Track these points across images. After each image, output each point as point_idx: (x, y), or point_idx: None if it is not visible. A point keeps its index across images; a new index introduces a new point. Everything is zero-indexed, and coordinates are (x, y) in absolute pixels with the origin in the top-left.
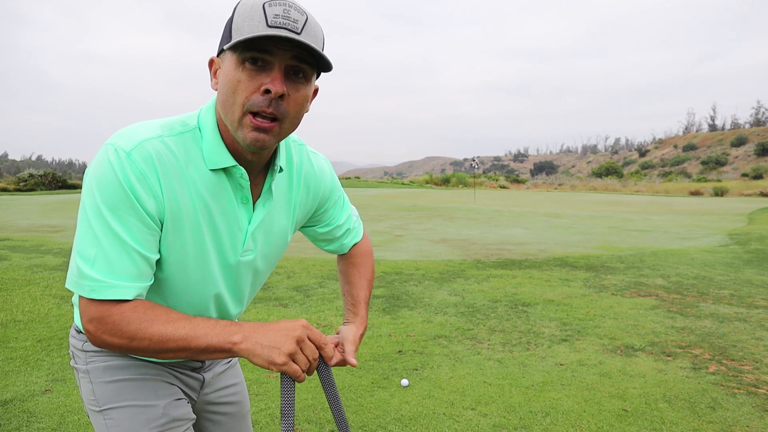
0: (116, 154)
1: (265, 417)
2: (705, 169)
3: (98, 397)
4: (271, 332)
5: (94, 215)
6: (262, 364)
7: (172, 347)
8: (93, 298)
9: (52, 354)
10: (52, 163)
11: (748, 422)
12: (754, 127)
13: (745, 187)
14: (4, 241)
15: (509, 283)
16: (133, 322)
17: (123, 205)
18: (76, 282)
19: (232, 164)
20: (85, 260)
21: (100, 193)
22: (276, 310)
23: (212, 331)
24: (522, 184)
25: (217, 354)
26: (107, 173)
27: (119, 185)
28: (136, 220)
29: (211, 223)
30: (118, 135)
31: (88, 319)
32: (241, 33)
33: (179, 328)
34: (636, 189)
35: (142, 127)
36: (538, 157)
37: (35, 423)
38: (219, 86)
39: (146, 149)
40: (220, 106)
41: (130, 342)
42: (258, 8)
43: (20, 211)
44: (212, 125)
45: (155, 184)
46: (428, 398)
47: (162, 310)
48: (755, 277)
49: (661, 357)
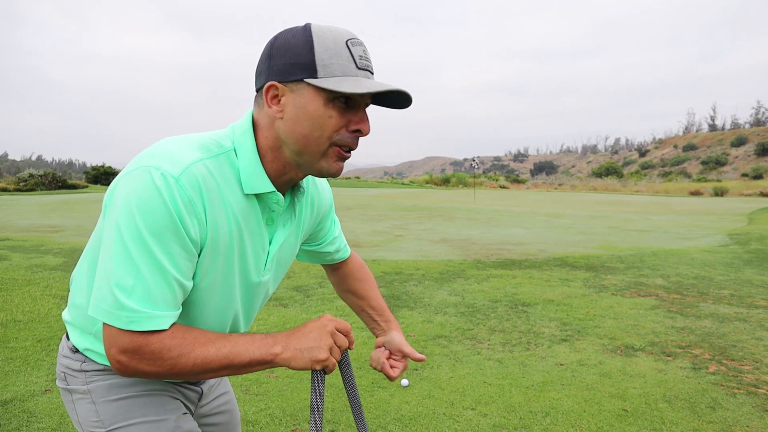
0: (164, 179)
1: (265, 417)
2: (705, 169)
3: (103, 417)
4: (304, 336)
5: (135, 242)
6: (305, 366)
7: (215, 367)
8: (129, 330)
9: (52, 354)
10: (52, 163)
11: (748, 422)
12: (754, 127)
13: (745, 187)
14: (4, 241)
15: (509, 283)
16: (174, 349)
17: (169, 232)
18: (111, 313)
19: (271, 190)
20: (122, 290)
21: (143, 219)
22: (276, 310)
23: (252, 345)
24: (522, 184)
25: (259, 367)
26: (153, 198)
27: (167, 212)
28: (179, 247)
29: (241, 245)
30: (159, 157)
31: (121, 350)
32: (330, 71)
33: (220, 347)
34: (636, 189)
35: (181, 147)
36: (538, 157)
37: (35, 423)
38: (292, 118)
39: (193, 174)
40: (298, 139)
41: (171, 369)
42: (342, 46)
43: (20, 211)
44: (252, 149)
45: (201, 211)
46: (428, 398)
47: (198, 332)
48: (755, 277)
49: (661, 357)
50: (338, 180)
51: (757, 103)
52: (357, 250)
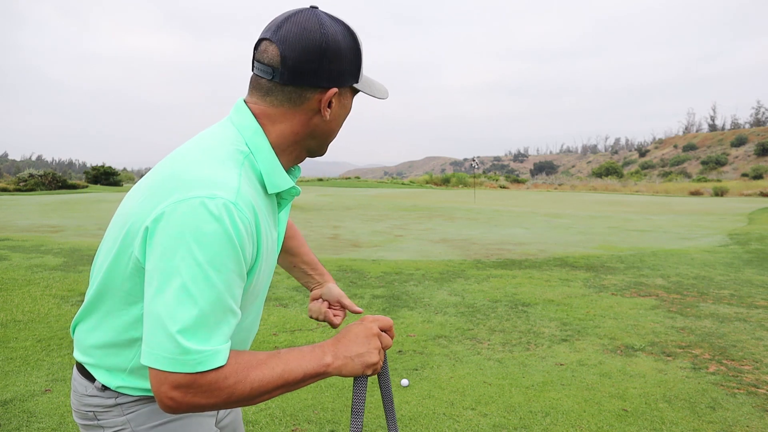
0: (224, 207)
1: (265, 417)
2: (705, 169)
3: None
4: (353, 342)
5: (195, 280)
6: (357, 372)
7: (271, 388)
8: (196, 371)
9: (52, 354)
10: (52, 163)
11: (748, 422)
12: (754, 127)
13: (745, 187)
14: (4, 241)
15: (509, 283)
16: (230, 377)
17: (231, 263)
18: (175, 359)
19: (291, 185)
20: (184, 333)
21: (204, 254)
22: (276, 310)
23: (303, 360)
24: (522, 184)
25: (312, 380)
26: (215, 231)
27: (230, 242)
28: (238, 277)
29: (272, 240)
30: (206, 184)
31: (173, 387)
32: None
33: (274, 367)
34: (636, 189)
35: (217, 167)
36: (538, 157)
37: (35, 423)
38: (336, 118)
39: (246, 195)
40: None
41: (228, 398)
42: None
43: (20, 211)
44: (269, 150)
45: (254, 231)
46: (428, 398)
47: (248, 355)
48: (755, 277)
49: (661, 357)
50: (338, 180)
51: (757, 103)
52: (357, 250)
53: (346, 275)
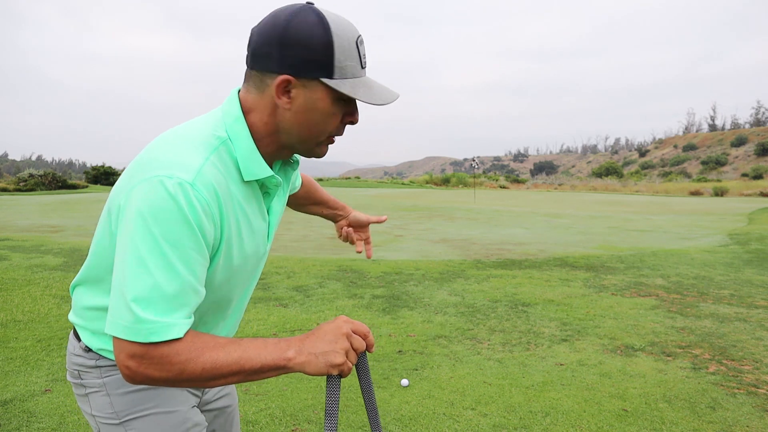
0: (179, 186)
1: (265, 417)
2: (705, 169)
3: (117, 409)
4: (319, 339)
5: (151, 252)
6: (321, 371)
7: (225, 372)
8: (151, 342)
9: (52, 354)
10: (52, 163)
11: (748, 422)
12: (754, 127)
13: (745, 187)
14: (4, 241)
15: (509, 283)
16: (183, 353)
17: (188, 240)
18: (130, 328)
19: (270, 174)
20: (139, 303)
21: (160, 229)
22: (276, 310)
23: (264, 350)
24: (522, 184)
25: (271, 373)
26: (170, 207)
27: (185, 220)
28: (197, 254)
29: (250, 228)
30: (169, 165)
31: (129, 355)
32: (343, 73)
33: (230, 352)
34: (636, 189)
35: (185, 150)
36: (538, 157)
37: (35, 423)
38: (301, 111)
39: (206, 177)
40: (303, 129)
41: (180, 374)
42: (354, 46)
43: (20, 211)
44: (247, 137)
45: (216, 213)
46: (428, 398)
47: (208, 337)
48: (755, 277)
49: (661, 357)
50: (338, 180)
51: (757, 103)
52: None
53: (346, 275)
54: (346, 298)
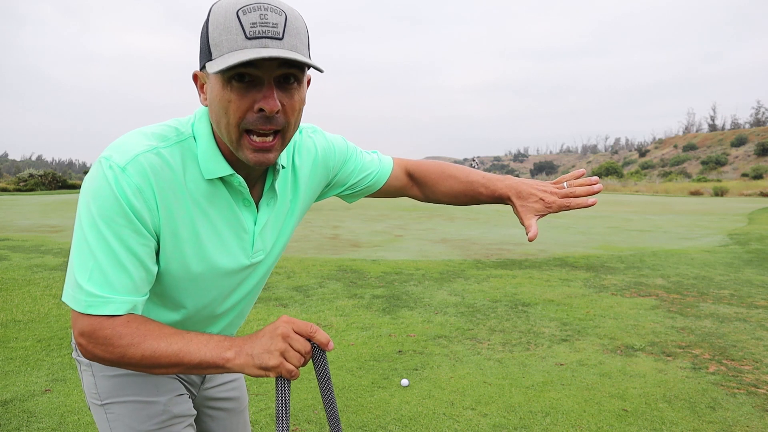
0: (111, 169)
1: (265, 417)
2: (705, 169)
3: (100, 390)
4: (257, 341)
5: (91, 229)
6: (256, 373)
7: (164, 363)
8: (87, 313)
9: (52, 354)
10: (52, 163)
11: (748, 422)
12: (754, 127)
13: (745, 187)
14: (4, 241)
15: (509, 283)
16: (125, 337)
17: (120, 218)
18: (72, 296)
19: (229, 173)
20: (81, 274)
21: (96, 207)
22: (276, 310)
23: (205, 346)
24: None
25: (211, 370)
26: (103, 187)
27: (115, 199)
28: (132, 233)
29: (212, 230)
30: (112, 148)
31: (79, 333)
32: (220, 50)
33: (172, 343)
34: (636, 189)
35: (136, 138)
36: (538, 157)
37: (35, 423)
38: (210, 103)
39: (141, 163)
40: (215, 125)
41: (121, 357)
42: (232, 17)
43: (20, 211)
44: (207, 134)
45: (150, 198)
46: (428, 398)
47: (155, 325)
48: (755, 277)
49: (661, 357)
50: None
51: (757, 103)
52: (357, 250)
53: (346, 275)
54: (346, 298)
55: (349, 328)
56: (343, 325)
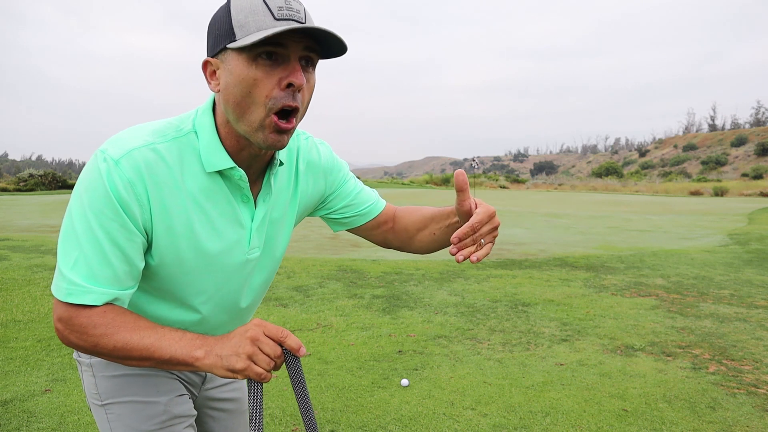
0: (105, 162)
1: (265, 417)
2: (705, 169)
3: (100, 391)
4: (227, 342)
5: (79, 219)
6: (224, 375)
7: (135, 355)
8: (66, 301)
9: (52, 354)
10: (52, 163)
11: (748, 422)
12: (754, 127)
13: (745, 187)
14: (4, 241)
15: (509, 283)
16: (99, 327)
17: (108, 211)
18: (56, 284)
19: (230, 166)
20: (66, 263)
21: (87, 199)
22: (276, 310)
23: (177, 343)
24: (522, 184)
25: (181, 367)
26: (95, 179)
27: (106, 193)
28: (120, 227)
29: (209, 225)
30: (110, 142)
31: (57, 318)
32: (246, 30)
33: (144, 337)
34: (636, 189)
35: (133, 133)
36: (538, 157)
37: (35, 423)
38: (225, 87)
39: (134, 158)
40: (233, 108)
41: (94, 346)
42: (258, 2)
43: (20, 211)
44: (210, 128)
45: (142, 193)
46: (428, 398)
47: (131, 318)
48: (755, 277)
49: (661, 357)
50: None
51: (757, 103)
52: (357, 250)
53: (346, 275)
54: (346, 298)
55: (349, 328)
56: (343, 325)
